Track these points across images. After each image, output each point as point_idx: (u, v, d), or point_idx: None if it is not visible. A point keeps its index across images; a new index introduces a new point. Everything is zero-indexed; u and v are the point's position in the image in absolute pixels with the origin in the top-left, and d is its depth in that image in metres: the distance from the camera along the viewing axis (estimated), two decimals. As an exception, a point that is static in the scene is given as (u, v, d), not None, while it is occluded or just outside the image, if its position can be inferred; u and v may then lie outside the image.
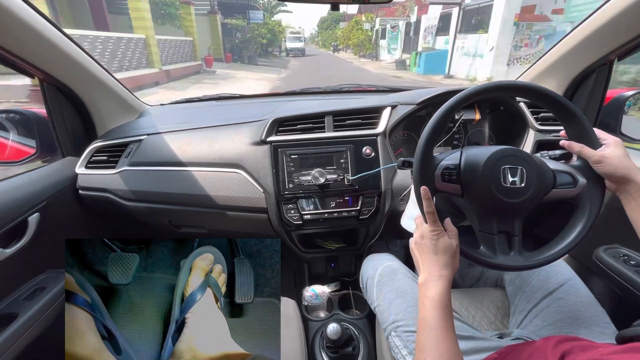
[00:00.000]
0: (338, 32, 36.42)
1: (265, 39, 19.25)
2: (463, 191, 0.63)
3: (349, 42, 26.44)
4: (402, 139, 1.14)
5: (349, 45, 28.64)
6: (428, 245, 0.57)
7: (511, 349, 0.57)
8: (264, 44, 20.48)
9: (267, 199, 0.98)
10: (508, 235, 0.63)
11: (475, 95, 0.62)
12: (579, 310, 0.66)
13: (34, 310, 0.76)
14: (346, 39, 27.34)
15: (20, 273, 0.82)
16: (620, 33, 0.83)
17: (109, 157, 1.03)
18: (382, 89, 1.37)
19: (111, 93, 1.10)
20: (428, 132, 0.61)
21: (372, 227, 1.07)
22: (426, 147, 0.61)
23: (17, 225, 0.79)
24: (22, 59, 0.80)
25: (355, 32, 23.61)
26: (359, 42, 23.44)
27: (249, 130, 1.01)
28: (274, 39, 21.09)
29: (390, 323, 0.71)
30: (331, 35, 41.37)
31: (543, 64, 1.06)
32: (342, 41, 30.39)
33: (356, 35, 23.43)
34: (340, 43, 32.29)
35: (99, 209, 1.07)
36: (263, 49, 21.48)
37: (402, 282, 0.78)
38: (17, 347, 0.71)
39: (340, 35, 30.61)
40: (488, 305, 0.84)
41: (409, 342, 0.66)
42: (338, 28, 37.75)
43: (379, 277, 0.82)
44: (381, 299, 0.77)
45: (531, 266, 0.62)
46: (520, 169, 0.60)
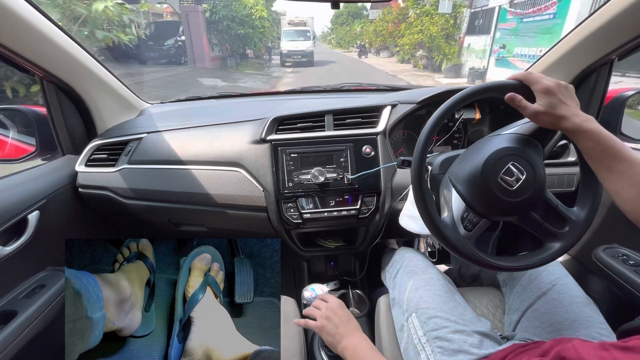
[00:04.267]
0: (358, 28, 26.86)
1: (239, 28, 11.96)
2: (470, 207, 0.63)
3: (390, 40, 16.43)
4: (402, 138, 1.14)
5: (385, 46, 18.70)
6: (342, 315, 0.67)
7: (519, 349, 0.57)
8: (240, 37, 12.30)
9: (267, 197, 0.98)
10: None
11: (475, 95, 0.62)
12: (575, 310, 0.67)
13: (34, 308, 0.76)
14: (381, 36, 17.47)
15: (20, 271, 0.83)
16: (621, 32, 0.82)
17: (108, 155, 1.03)
18: (382, 87, 1.36)
19: (111, 91, 1.10)
20: (427, 131, 0.61)
21: (371, 227, 1.07)
22: (426, 147, 0.61)
23: (17, 223, 0.79)
24: (22, 57, 0.80)
25: (419, 21, 12.01)
26: (423, 41, 12.09)
27: (249, 129, 1.01)
28: (255, 33, 12.81)
29: (415, 305, 0.74)
30: (349, 32, 31.49)
31: (544, 63, 1.06)
32: (374, 38, 19.51)
33: (418, 28, 12.10)
34: (372, 42, 20.46)
35: (98, 207, 1.07)
36: (237, 47, 13.19)
37: (432, 275, 0.81)
38: (17, 344, 0.71)
39: (372, 31, 19.57)
40: (486, 305, 0.85)
41: (425, 324, 0.68)
42: (358, 22, 28.80)
43: (412, 266, 0.85)
44: (411, 285, 0.79)
45: (529, 266, 0.62)
46: (515, 166, 0.60)
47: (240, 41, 12.96)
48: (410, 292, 0.77)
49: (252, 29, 12.66)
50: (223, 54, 13.16)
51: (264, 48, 14.79)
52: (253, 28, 12.68)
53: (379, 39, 18.54)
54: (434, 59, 12.38)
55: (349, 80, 3.28)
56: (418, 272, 0.81)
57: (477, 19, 11.01)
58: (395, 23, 15.58)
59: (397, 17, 15.36)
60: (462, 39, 11.63)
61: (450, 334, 0.64)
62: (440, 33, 11.54)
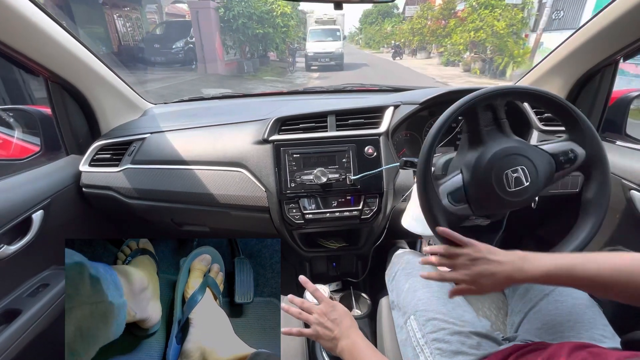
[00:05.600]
0: (388, 27, 24.33)
1: (258, 27, 10.18)
2: (473, 209, 0.64)
3: (432, 39, 13.87)
4: (404, 139, 1.14)
5: (422, 46, 16.42)
6: (334, 317, 0.65)
7: (520, 350, 0.57)
8: (258, 38, 10.54)
9: (269, 198, 0.98)
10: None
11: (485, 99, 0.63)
12: (578, 312, 0.66)
13: (38, 307, 0.77)
14: (419, 34, 14.86)
15: (24, 270, 0.83)
16: (626, 33, 0.82)
17: (112, 155, 1.04)
18: (385, 88, 1.36)
19: (115, 91, 1.11)
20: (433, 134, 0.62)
21: (374, 227, 1.06)
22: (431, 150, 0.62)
23: (21, 223, 0.79)
24: (27, 57, 0.81)
25: (476, 16, 9.71)
26: (482, 39, 9.66)
27: (251, 129, 1.01)
28: (276, 33, 10.88)
29: (413, 307, 0.73)
30: (379, 31, 28.61)
31: (548, 64, 1.05)
32: (410, 37, 16.81)
33: (475, 24, 9.69)
34: (409, 42, 17.69)
35: (102, 207, 1.08)
36: (255, 50, 11.30)
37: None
38: (21, 343, 0.72)
39: (408, 30, 17.07)
40: (489, 306, 0.84)
41: (424, 326, 0.68)
42: (389, 21, 26.41)
43: (410, 268, 0.85)
44: (408, 287, 0.79)
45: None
46: (521, 168, 0.62)
47: (259, 42, 10.99)
48: (409, 294, 0.77)
49: (273, 28, 10.73)
50: (241, 58, 11.35)
51: (287, 50, 12.74)
52: (274, 27, 10.75)
53: (416, 38, 15.96)
54: (495, 62, 9.64)
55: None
56: (416, 274, 0.81)
57: (556, 10, 8.62)
58: (438, 19, 13.29)
59: (441, 13, 13.05)
60: (540, 35, 8.83)
61: (448, 335, 0.64)
62: (507, 30, 9.08)
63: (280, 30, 11.07)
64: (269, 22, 10.58)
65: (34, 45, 0.81)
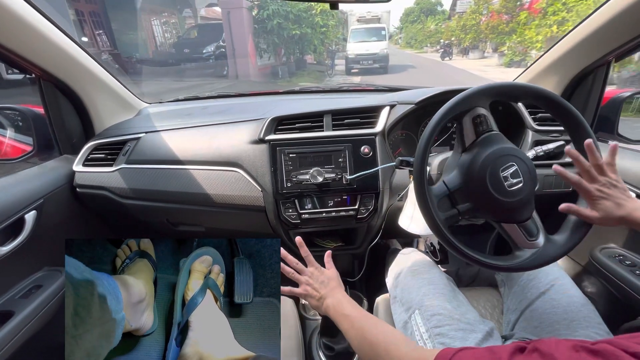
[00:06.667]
0: (432, 25, 22.77)
1: (294, 27, 9.06)
2: (475, 206, 0.65)
3: (492, 36, 12.19)
4: (400, 139, 1.14)
5: (474, 44, 14.51)
6: (322, 278, 0.70)
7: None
8: (295, 39, 9.47)
9: (265, 197, 0.98)
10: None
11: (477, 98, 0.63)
12: (573, 311, 0.67)
13: (31, 308, 0.76)
14: (472, 31, 13.34)
15: (17, 271, 0.82)
16: (618, 34, 0.83)
17: (106, 155, 1.03)
18: (380, 88, 1.37)
19: (109, 90, 1.10)
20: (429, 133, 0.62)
21: (370, 227, 1.07)
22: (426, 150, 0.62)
23: (14, 223, 0.78)
24: (19, 55, 0.80)
25: (561, 4, 8.33)
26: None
27: (247, 129, 1.01)
28: (314, 34, 9.77)
29: (418, 302, 0.75)
30: (421, 30, 27.00)
31: (542, 64, 1.06)
32: (462, 35, 15.05)
33: (560, 16, 8.40)
34: (460, 40, 15.77)
35: (96, 207, 1.07)
36: (292, 52, 10.16)
37: (435, 274, 0.82)
38: (14, 345, 0.71)
39: (459, 27, 15.21)
40: (484, 305, 0.85)
41: (429, 321, 0.69)
42: (432, 19, 24.44)
43: (417, 266, 0.86)
44: (414, 283, 0.80)
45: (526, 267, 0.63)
46: (514, 167, 0.64)
47: (296, 44, 9.80)
48: (414, 290, 0.78)
49: (311, 28, 9.60)
50: (276, 62, 10.21)
51: (325, 52, 11.43)
52: (312, 27, 9.59)
53: (469, 35, 14.59)
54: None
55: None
56: (422, 272, 0.82)
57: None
58: (500, 13, 11.97)
59: (504, 6, 11.71)
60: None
61: (452, 331, 0.65)
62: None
63: (319, 31, 10.04)
64: (307, 22, 9.53)
65: (26, 42, 0.79)
